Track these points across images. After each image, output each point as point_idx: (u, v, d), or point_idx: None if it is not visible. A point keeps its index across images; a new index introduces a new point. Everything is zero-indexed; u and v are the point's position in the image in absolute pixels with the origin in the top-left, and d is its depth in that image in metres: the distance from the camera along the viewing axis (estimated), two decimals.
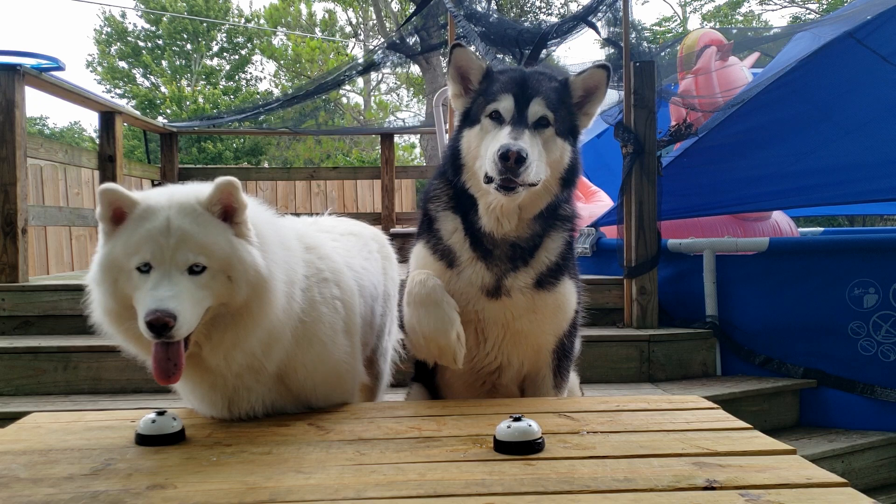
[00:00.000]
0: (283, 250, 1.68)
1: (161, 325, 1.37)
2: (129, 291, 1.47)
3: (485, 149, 1.82)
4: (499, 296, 1.90)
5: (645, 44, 4.65)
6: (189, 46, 24.64)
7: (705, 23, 23.03)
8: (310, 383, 1.77)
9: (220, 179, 1.52)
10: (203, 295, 1.47)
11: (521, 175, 1.71)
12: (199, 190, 1.55)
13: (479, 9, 5.47)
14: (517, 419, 1.46)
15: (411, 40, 6.66)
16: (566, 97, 1.93)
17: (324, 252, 1.88)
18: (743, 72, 5.60)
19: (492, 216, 1.87)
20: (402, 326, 2.10)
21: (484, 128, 1.86)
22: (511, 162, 1.69)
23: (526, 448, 1.42)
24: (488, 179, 1.79)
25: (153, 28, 24.51)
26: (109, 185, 1.47)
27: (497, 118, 1.85)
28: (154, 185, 6.89)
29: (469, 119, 1.94)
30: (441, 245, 1.96)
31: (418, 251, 2.04)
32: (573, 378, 2.29)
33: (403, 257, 2.72)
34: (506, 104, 1.84)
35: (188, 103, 20.13)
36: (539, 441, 1.44)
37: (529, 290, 1.91)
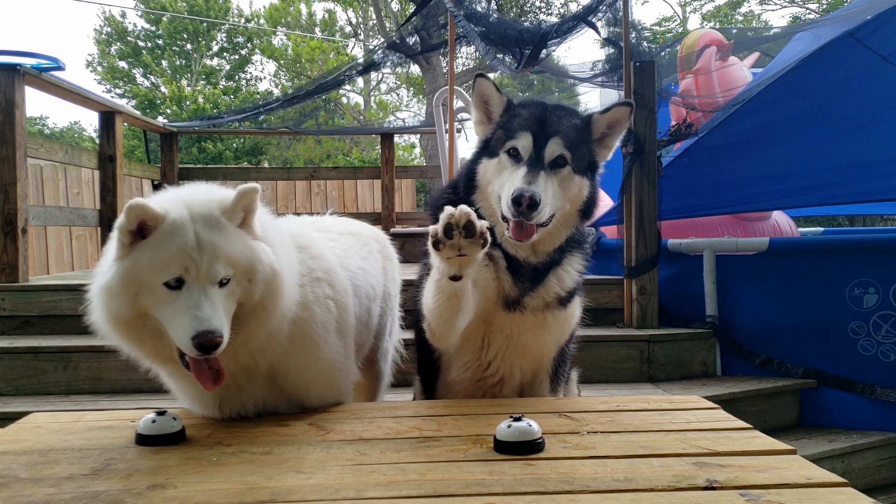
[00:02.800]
0: (283, 246, 1.70)
1: (213, 345, 1.41)
2: (151, 304, 1.47)
3: (500, 184, 1.86)
4: (514, 309, 1.92)
5: (645, 44, 4.65)
6: (189, 46, 24.64)
7: (705, 23, 23.03)
8: (302, 383, 1.77)
9: (243, 187, 1.52)
10: (230, 303, 1.50)
11: (534, 218, 1.75)
12: (217, 198, 1.54)
13: (479, 9, 5.47)
14: (517, 419, 1.46)
15: (411, 40, 6.67)
16: (586, 134, 1.95)
17: (316, 252, 1.88)
18: (743, 72, 5.59)
19: (507, 244, 1.90)
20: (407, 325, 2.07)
21: (502, 162, 1.89)
22: (524, 207, 1.73)
23: (526, 448, 1.42)
24: (504, 218, 1.83)
25: (153, 28, 24.51)
26: (138, 200, 1.45)
27: (515, 155, 1.87)
28: (154, 185, 6.89)
29: (488, 149, 1.96)
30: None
31: None
32: (572, 375, 2.32)
33: (404, 257, 2.73)
34: (524, 142, 1.86)
35: (188, 103, 20.13)
36: (539, 441, 1.44)
37: (541, 309, 1.94)
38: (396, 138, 7.96)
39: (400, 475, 1.30)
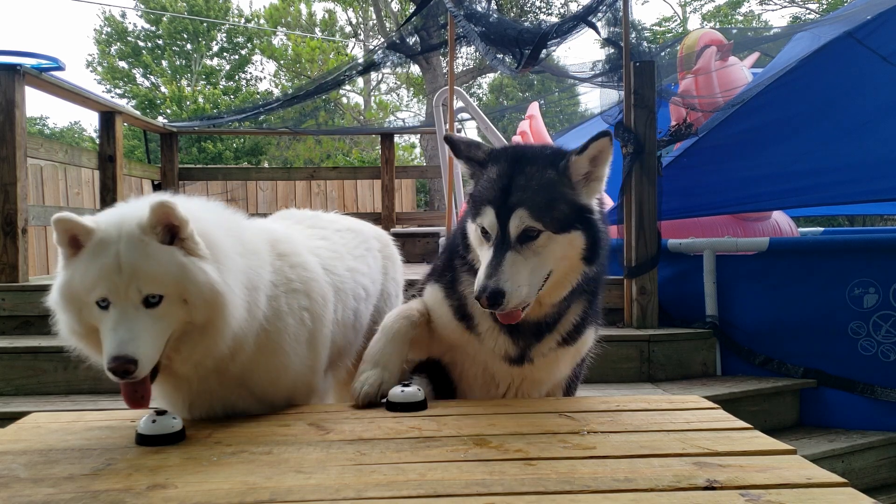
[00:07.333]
0: (243, 257, 1.64)
1: (124, 371, 1.39)
2: (94, 321, 1.48)
3: (480, 254, 1.72)
4: (522, 363, 1.88)
5: (645, 44, 4.65)
6: (189, 46, 24.63)
7: (705, 23, 23.05)
8: (271, 388, 1.77)
9: (154, 202, 1.46)
10: (163, 325, 1.47)
11: (505, 308, 1.60)
12: (143, 215, 1.49)
13: (479, 9, 5.47)
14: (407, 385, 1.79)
15: (411, 40, 6.66)
16: (563, 185, 1.70)
17: (297, 260, 1.84)
18: (743, 72, 5.60)
19: None
20: None
21: (477, 233, 1.73)
22: (485, 306, 1.60)
23: (414, 406, 1.74)
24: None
25: (153, 28, 24.50)
26: (63, 214, 1.44)
27: (484, 233, 1.69)
28: (154, 186, 6.90)
29: (472, 211, 1.78)
30: (463, 309, 1.88)
31: (439, 304, 1.93)
32: None
33: (404, 257, 2.73)
34: (488, 220, 1.66)
35: (188, 103, 20.12)
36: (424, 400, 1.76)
37: (552, 351, 1.89)
38: (396, 138, 7.96)
39: (400, 475, 1.30)
